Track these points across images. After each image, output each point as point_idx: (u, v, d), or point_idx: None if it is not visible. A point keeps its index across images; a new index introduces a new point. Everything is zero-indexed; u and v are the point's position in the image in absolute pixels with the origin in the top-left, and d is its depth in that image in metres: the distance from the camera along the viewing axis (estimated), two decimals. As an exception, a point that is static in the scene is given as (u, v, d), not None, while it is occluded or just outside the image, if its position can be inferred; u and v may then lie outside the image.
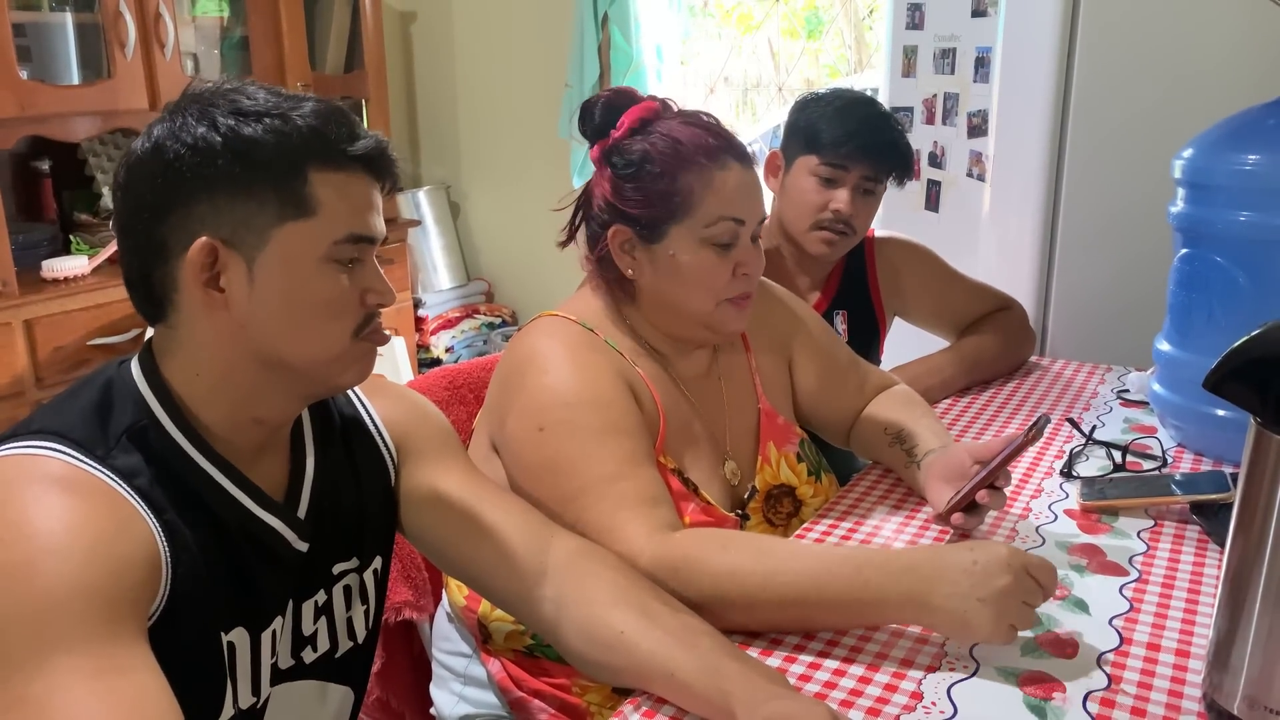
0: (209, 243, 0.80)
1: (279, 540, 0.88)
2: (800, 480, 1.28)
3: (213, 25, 3.04)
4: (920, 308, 1.75)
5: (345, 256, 0.84)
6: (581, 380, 1.10)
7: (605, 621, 0.90)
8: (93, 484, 0.76)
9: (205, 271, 0.81)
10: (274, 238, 0.81)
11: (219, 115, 0.80)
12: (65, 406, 0.82)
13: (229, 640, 0.84)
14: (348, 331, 0.85)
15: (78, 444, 0.78)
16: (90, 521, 0.74)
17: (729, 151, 1.13)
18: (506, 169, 3.75)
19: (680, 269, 1.14)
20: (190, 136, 0.79)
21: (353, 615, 0.98)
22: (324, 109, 0.83)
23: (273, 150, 0.80)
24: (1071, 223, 1.95)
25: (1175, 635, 0.97)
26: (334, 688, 0.98)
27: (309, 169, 0.81)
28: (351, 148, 0.83)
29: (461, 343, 3.70)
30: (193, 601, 0.79)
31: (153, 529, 0.77)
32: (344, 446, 0.97)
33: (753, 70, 3.66)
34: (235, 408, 0.85)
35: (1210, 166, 1.31)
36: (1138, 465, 1.36)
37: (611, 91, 1.19)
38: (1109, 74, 1.87)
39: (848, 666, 0.93)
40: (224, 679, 0.83)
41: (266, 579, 0.87)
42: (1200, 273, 1.34)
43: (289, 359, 0.84)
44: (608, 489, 1.04)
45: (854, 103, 1.57)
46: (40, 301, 2.41)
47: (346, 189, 0.83)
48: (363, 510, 0.97)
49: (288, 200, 0.81)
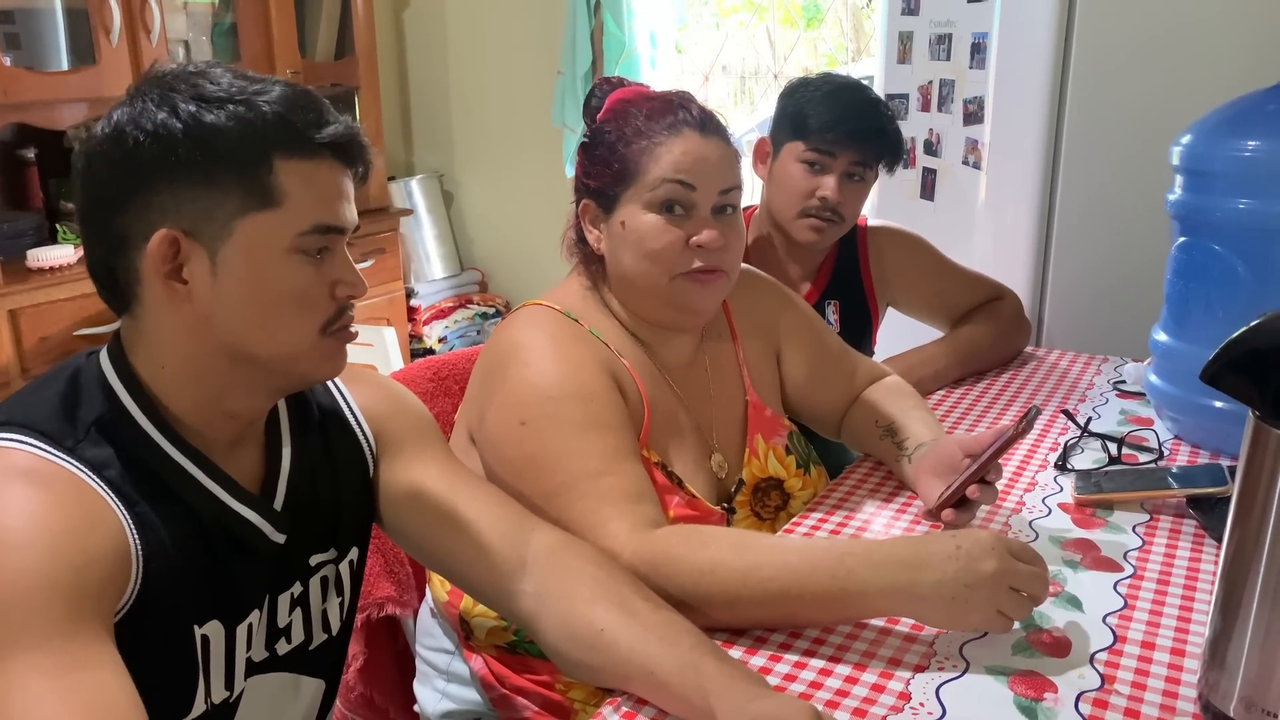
0: (169, 234, 0.78)
1: (254, 533, 0.86)
2: (789, 473, 1.26)
3: (203, 11, 3.00)
4: (913, 298, 1.72)
5: (313, 247, 0.81)
6: (564, 373, 1.07)
7: (586, 618, 0.89)
8: (61, 476, 0.74)
9: (167, 263, 0.78)
10: (238, 229, 0.79)
11: (180, 101, 0.77)
12: (32, 398, 0.80)
13: (202, 634, 0.82)
14: (316, 325, 0.83)
15: (45, 435, 0.76)
16: (56, 515, 0.72)
17: (687, 122, 1.11)
18: (499, 157, 3.72)
19: (630, 236, 1.11)
20: (150, 123, 0.77)
21: (328, 607, 0.96)
22: (291, 94, 0.80)
23: (236, 138, 0.77)
24: (1068, 211, 1.93)
25: (1170, 633, 0.94)
26: (307, 680, 0.96)
27: (274, 157, 0.78)
28: (319, 134, 0.80)
29: (455, 333, 3.68)
30: (165, 595, 0.78)
31: (123, 522, 0.75)
32: (321, 436, 0.96)
33: (750, 58, 3.63)
34: (205, 401, 0.83)
35: (1209, 153, 1.29)
36: (1134, 458, 1.33)
37: (604, 79, 1.20)
38: (1106, 60, 1.84)
39: (834, 666, 0.90)
40: (195, 673, 0.82)
41: (242, 572, 0.86)
42: (1198, 262, 1.31)
43: (256, 353, 0.82)
44: (590, 485, 1.02)
45: (842, 88, 1.54)
46: (25, 291, 2.38)
47: (314, 177, 0.81)
48: (340, 501, 0.96)
49: (252, 190, 0.78)
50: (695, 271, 1.11)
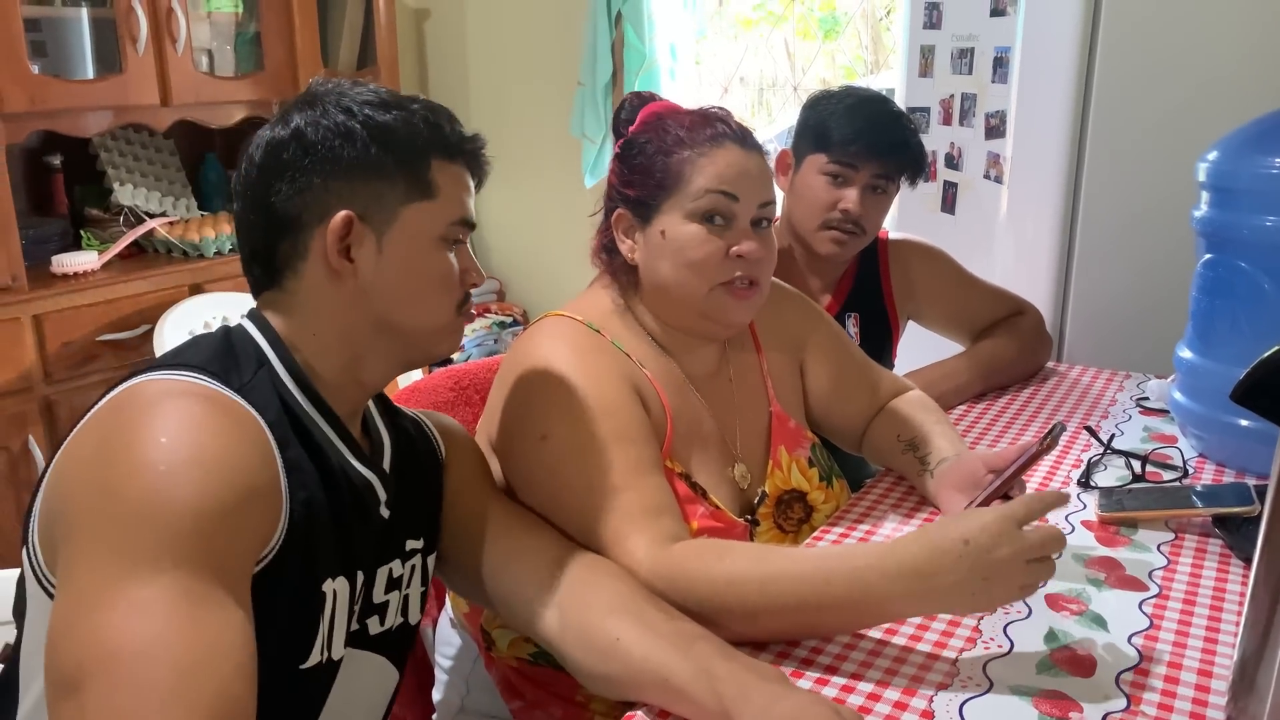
0: (349, 215, 0.88)
1: (372, 495, 0.93)
2: (812, 486, 1.25)
3: (227, 20, 3.03)
4: (934, 311, 1.72)
5: (453, 237, 0.93)
6: (585, 386, 1.07)
7: (602, 628, 0.90)
8: (235, 408, 0.81)
9: (340, 242, 0.88)
10: (401, 216, 0.90)
11: (354, 105, 0.89)
12: (190, 350, 0.87)
13: (333, 586, 0.87)
14: (453, 305, 0.94)
15: (216, 375, 0.82)
16: (233, 442, 0.78)
17: (728, 135, 1.13)
18: (518, 167, 3.73)
19: (670, 246, 1.12)
20: (331, 122, 0.88)
21: (411, 593, 1.01)
22: (434, 106, 0.93)
23: (404, 137, 0.89)
24: (1091, 226, 1.92)
25: (1197, 655, 0.93)
26: (384, 663, 1.00)
27: (432, 156, 0.91)
28: (465, 142, 0.94)
29: (472, 342, 3.69)
30: (304, 543, 0.83)
31: (278, 462, 0.81)
32: (408, 429, 1.04)
33: (768, 70, 3.63)
34: (344, 366, 0.91)
35: (1235, 170, 1.28)
36: (1158, 476, 1.32)
37: (634, 93, 1.24)
38: (1131, 74, 1.83)
39: (856, 683, 0.90)
40: (319, 624, 0.86)
41: (359, 535, 0.91)
42: (1224, 279, 1.30)
43: (402, 325, 0.92)
44: (611, 500, 1.02)
45: (865, 100, 1.54)
46: (50, 297, 2.40)
47: (459, 178, 0.94)
48: (429, 493, 1.03)
49: (415, 183, 0.90)
50: (733, 285, 1.12)
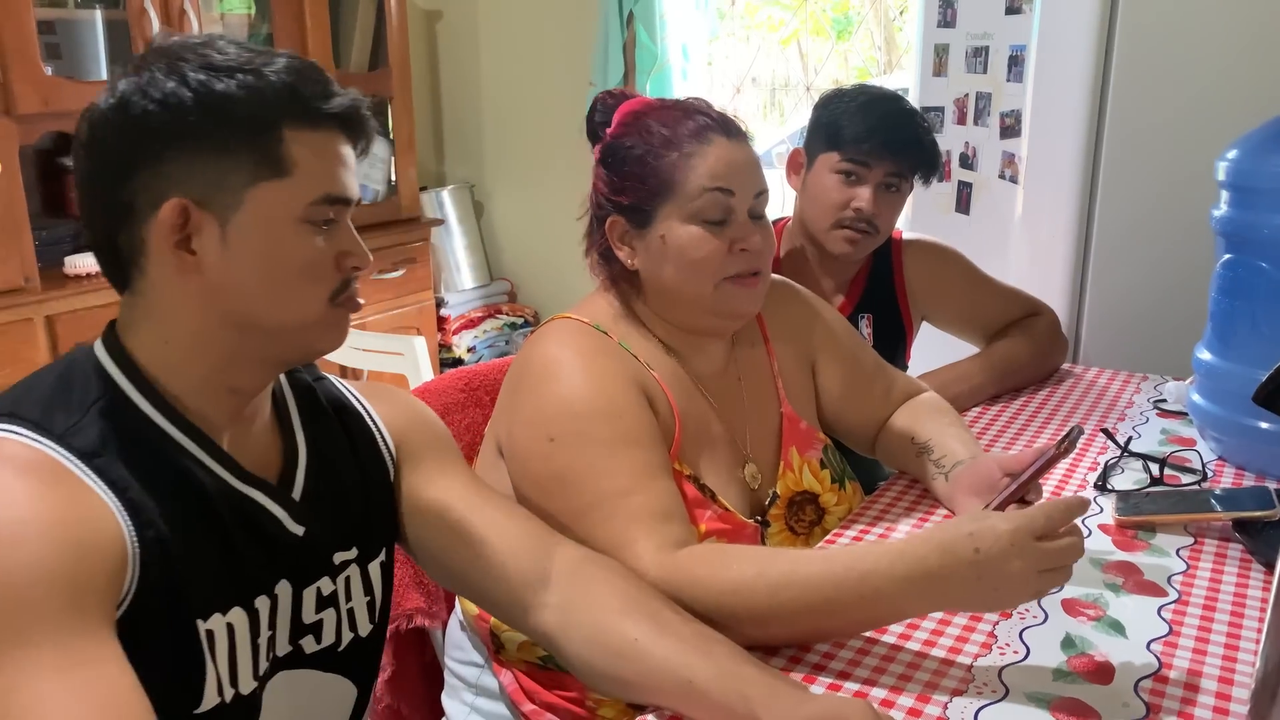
0: (180, 203, 0.77)
1: (269, 519, 0.85)
2: (824, 487, 1.24)
3: (240, 22, 3.04)
4: (948, 312, 1.70)
5: (321, 218, 0.81)
6: (593, 389, 1.06)
7: (617, 629, 0.87)
8: (50, 465, 0.73)
9: (176, 233, 0.78)
10: (249, 198, 0.78)
11: (189, 70, 0.77)
12: (24, 388, 0.80)
13: (221, 623, 0.81)
14: (324, 296, 0.83)
15: (34, 424, 0.75)
16: (46, 505, 0.70)
17: (713, 128, 1.11)
18: (530, 168, 3.73)
19: (672, 250, 1.11)
20: (159, 91, 0.76)
21: (354, 606, 0.95)
22: (298, 65, 0.80)
23: (247, 107, 0.77)
24: (1107, 226, 1.90)
25: (1218, 662, 0.92)
26: (335, 680, 0.95)
27: (284, 127, 0.78)
28: (327, 105, 0.80)
29: (483, 343, 3.69)
30: (167, 583, 0.76)
31: (114, 510, 0.74)
32: (340, 426, 0.95)
33: (781, 71, 3.62)
34: (208, 376, 0.82)
35: (1256, 169, 1.26)
36: (1176, 479, 1.30)
37: (607, 94, 1.20)
38: (1148, 72, 1.81)
39: (869, 689, 0.88)
40: (203, 663, 0.80)
41: (254, 560, 0.84)
42: (1244, 279, 1.28)
43: (264, 323, 0.81)
44: (618, 504, 1.01)
45: (878, 99, 1.53)
46: (63, 298, 2.41)
47: (322, 148, 0.81)
48: (368, 498, 0.95)
49: (263, 159, 0.78)
50: (738, 276, 1.11)
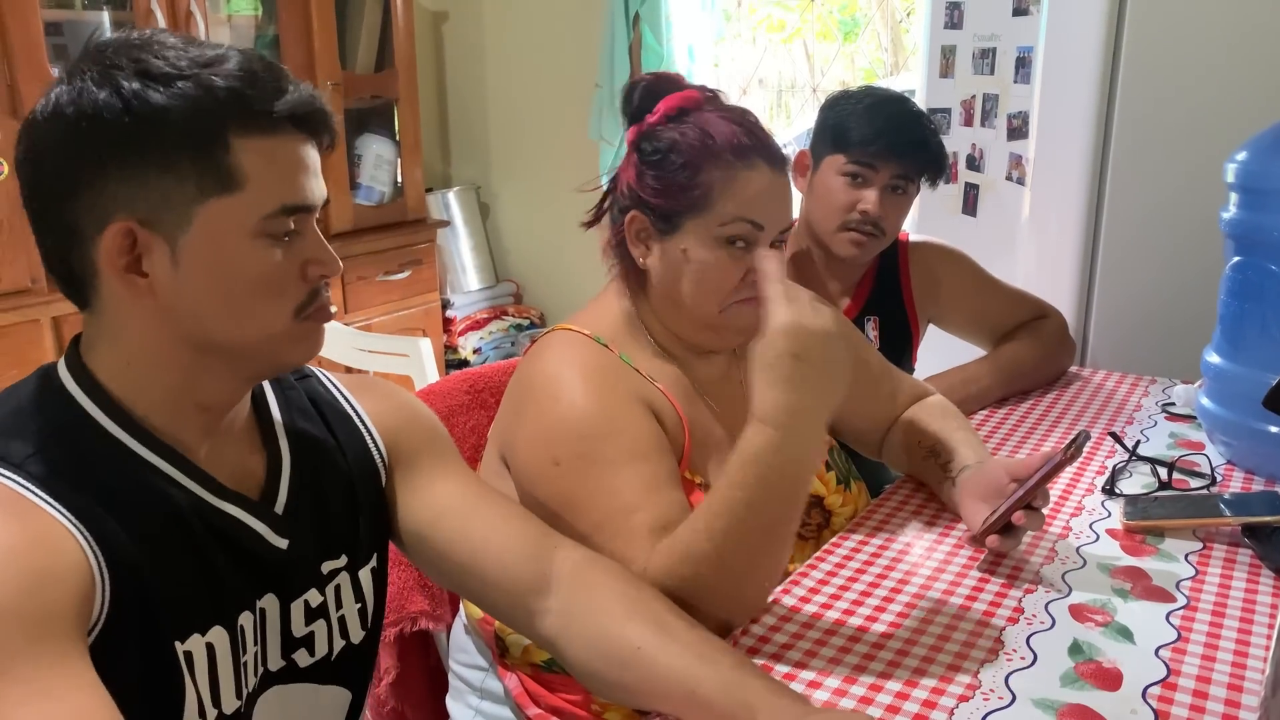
0: (125, 225, 0.73)
1: (246, 532, 0.82)
2: (829, 490, 1.24)
3: (247, 23, 3.04)
4: (955, 315, 1.69)
5: (279, 230, 0.76)
6: (596, 408, 1.05)
7: (620, 636, 0.86)
8: (6, 495, 0.70)
9: (124, 256, 0.73)
10: (198, 216, 0.73)
11: (122, 79, 0.71)
12: None
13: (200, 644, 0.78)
14: (288, 310, 0.78)
15: None
16: (3, 535, 0.67)
17: (760, 152, 1.08)
18: (536, 170, 3.73)
19: (690, 266, 1.09)
20: (91, 104, 0.71)
21: (346, 613, 0.92)
22: (244, 64, 0.74)
23: (187, 118, 0.71)
24: (1115, 228, 1.89)
25: (1227, 669, 0.91)
26: (329, 690, 0.93)
27: (230, 136, 0.73)
28: (277, 106, 0.74)
29: (489, 344, 3.69)
30: (140, 606, 0.73)
31: (76, 536, 0.70)
32: (324, 427, 0.92)
33: (787, 72, 3.61)
34: (174, 394, 0.79)
35: (1266, 170, 1.26)
36: (1184, 483, 1.29)
37: (653, 75, 1.14)
38: (1156, 72, 1.80)
39: (875, 694, 0.88)
40: (182, 684, 0.77)
41: (232, 574, 0.81)
42: (1254, 281, 1.28)
43: (224, 342, 0.78)
44: (623, 522, 1.00)
45: (884, 100, 1.52)
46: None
47: (275, 155, 0.75)
48: (354, 505, 0.92)
49: (209, 173, 0.73)
50: (749, 299, 1.09)
